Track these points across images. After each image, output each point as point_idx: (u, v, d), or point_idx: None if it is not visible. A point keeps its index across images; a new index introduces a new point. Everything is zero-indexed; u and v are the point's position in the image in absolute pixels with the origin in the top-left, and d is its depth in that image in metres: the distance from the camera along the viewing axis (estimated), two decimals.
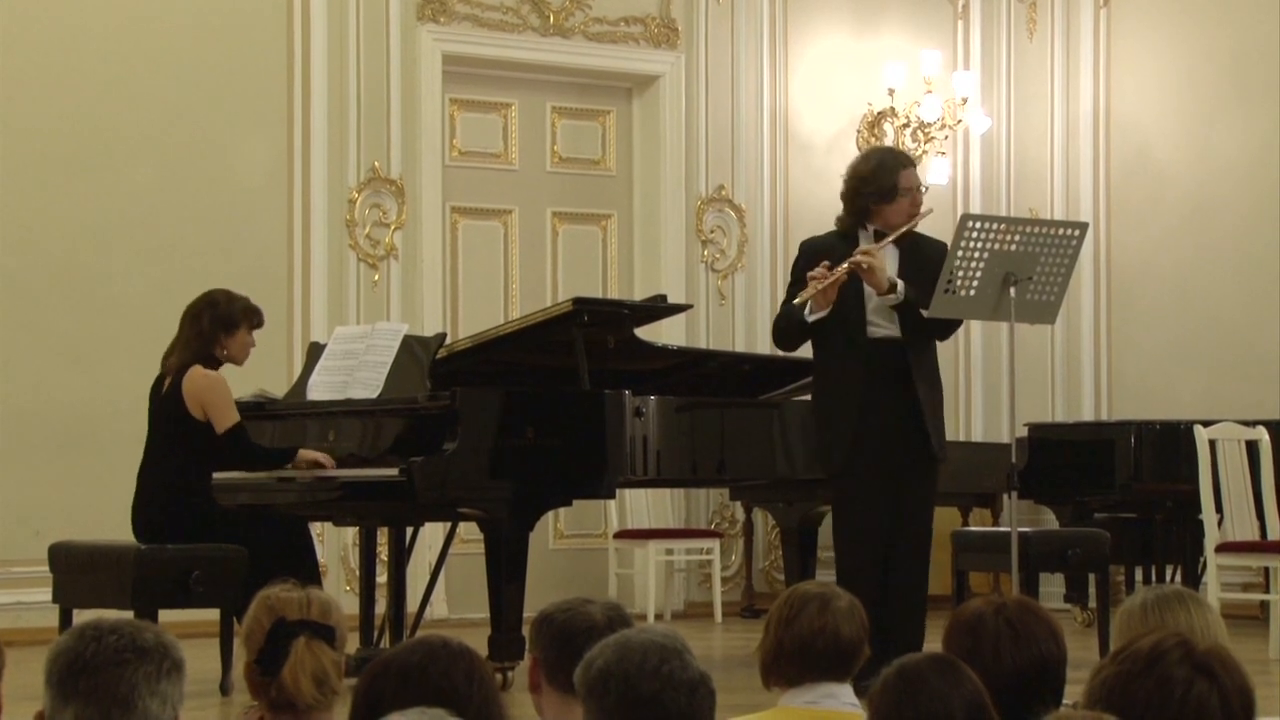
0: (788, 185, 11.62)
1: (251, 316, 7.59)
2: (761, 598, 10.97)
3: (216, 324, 7.49)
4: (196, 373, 7.40)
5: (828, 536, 7.28)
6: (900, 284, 7.02)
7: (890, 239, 7.09)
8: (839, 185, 7.98)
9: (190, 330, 7.50)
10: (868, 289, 7.06)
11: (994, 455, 10.42)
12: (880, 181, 7.12)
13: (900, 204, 7.13)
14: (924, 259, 7.14)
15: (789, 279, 7.49)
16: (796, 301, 7.02)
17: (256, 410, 7.73)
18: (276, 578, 3.38)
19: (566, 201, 11.22)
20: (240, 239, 9.92)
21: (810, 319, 7.04)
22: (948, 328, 7.33)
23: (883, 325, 7.11)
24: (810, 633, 3.73)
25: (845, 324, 7.05)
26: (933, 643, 4.12)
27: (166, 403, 7.45)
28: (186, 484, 7.40)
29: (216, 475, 7.51)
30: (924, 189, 7.29)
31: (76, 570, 7.40)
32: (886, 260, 7.09)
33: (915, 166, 7.36)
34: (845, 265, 6.95)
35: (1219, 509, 8.74)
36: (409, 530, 7.99)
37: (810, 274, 6.99)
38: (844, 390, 7.11)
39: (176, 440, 7.41)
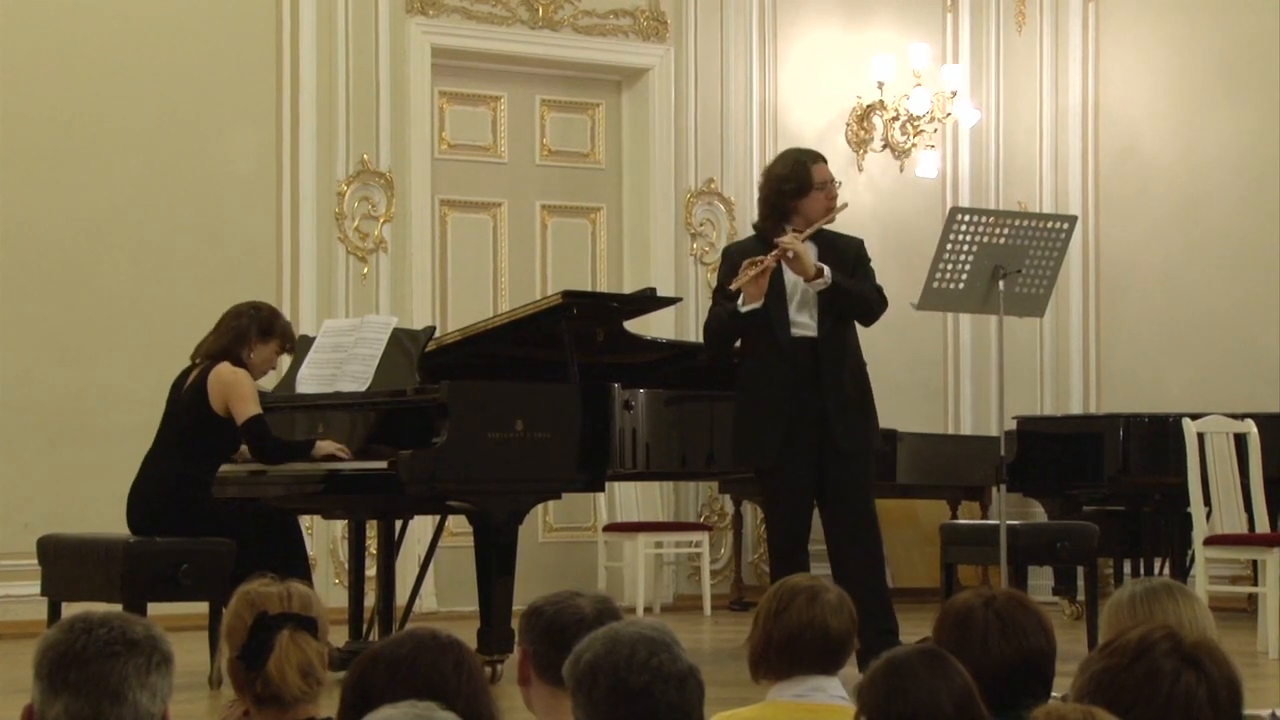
0: None
1: (287, 339, 7.63)
2: (750, 591, 10.98)
3: (254, 325, 7.51)
4: (224, 369, 7.41)
5: (817, 529, 7.29)
6: (827, 269, 7.08)
7: (809, 232, 7.14)
8: None
9: (229, 325, 7.53)
10: (789, 283, 7.13)
11: (982, 448, 10.43)
12: (798, 178, 7.20)
13: (816, 198, 7.21)
14: (839, 255, 7.20)
15: (716, 284, 7.56)
16: (732, 287, 7.09)
17: None
18: (263, 571, 3.38)
19: (555, 194, 11.22)
20: (229, 231, 9.92)
21: (744, 309, 7.09)
22: (871, 312, 7.32)
23: (803, 325, 7.16)
24: (799, 626, 3.74)
25: (768, 323, 7.11)
26: (922, 635, 4.13)
27: (188, 394, 7.44)
28: (191, 477, 7.39)
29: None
30: (838, 184, 7.35)
31: (65, 563, 7.39)
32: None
33: (827, 162, 7.41)
34: (773, 254, 7.02)
35: (1207, 502, 8.75)
36: (398, 523, 7.99)
37: (745, 263, 7.05)
38: (771, 392, 7.17)
39: (190, 433, 7.41)
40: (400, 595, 8.13)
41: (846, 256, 7.23)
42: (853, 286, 7.15)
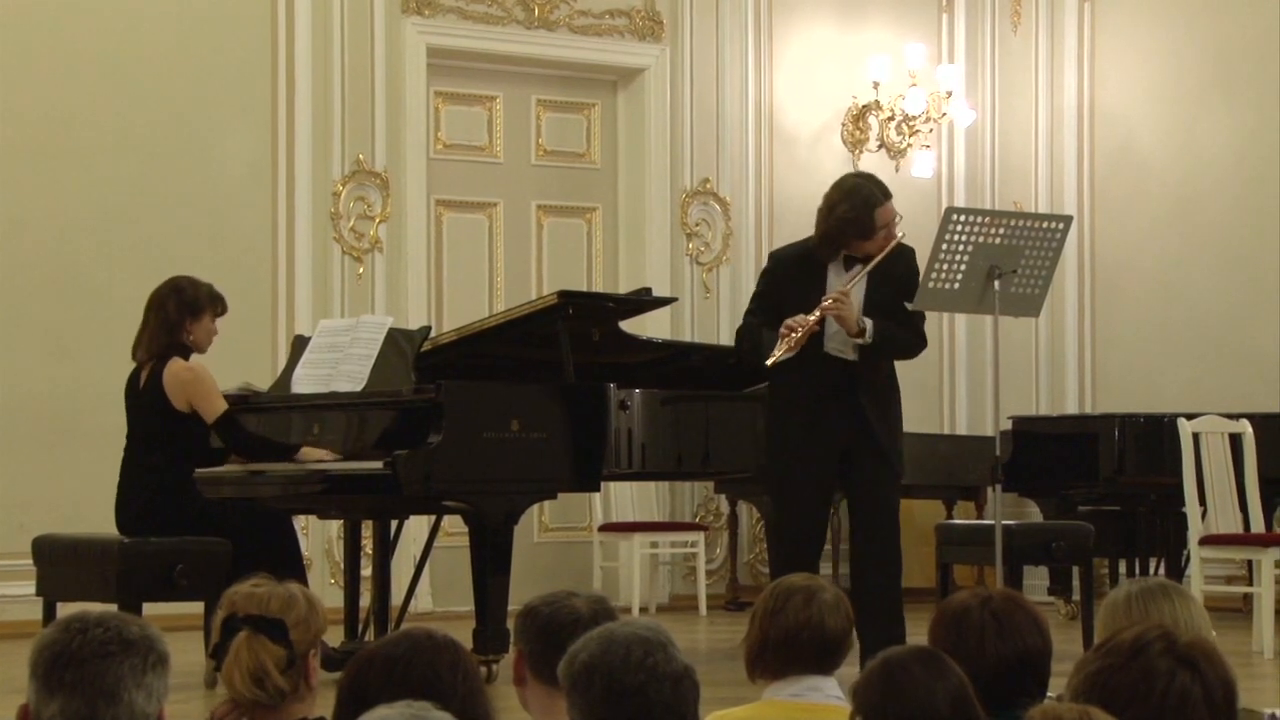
0: (772, 178, 11.63)
1: (216, 303, 7.54)
2: (746, 590, 10.98)
3: (183, 309, 7.45)
4: (177, 365, 7.38)
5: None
6: (869, 325, 7.05)
7: (865, 270, 7.10)
8: (823, 178, 7.99)
9: (156, 318, 7.47)
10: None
11: (978, 448, 10.43)
12: (861, 223, 7.12)
13: (878, 239, 7.15)
14: (889, 272, 7.16)
15: (756, 288, 7.53)
16: (769, 363, 7.05)
17: (241, 403, 7.72)
18: (258, 571, 3.38)
19: (551, 194, 11.22)
20: (225, 231, 9.91)
21: (779, 359, 7.05)
22: (908, 356, 7.33)
23: (837, 347, 7.14)
24: (795, 625, 3.74)
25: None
26: (918, 635, 4.13)
27: (146, 396, 7.42)
28: (171, 478, 7.38)
29: (200, 470, 7.50)
30: (899, 218, 7.27)
31: (60, 563, 7.38)
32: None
33: (891, 198, 7.31)
34: (817, 313, 7.00)
35: (1202, 502, 8.75)
36: (394, 523, 7.98)
37: (786, 324, 7.01)
38: (793, 403, 7.17)
39: (159, 434, 7.39)
40: (396, 595, 8.13)
41: (896, 271, 7.16)
42: (890, 340, 7.13)
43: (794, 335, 6.98)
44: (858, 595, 7.20)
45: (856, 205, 7.14)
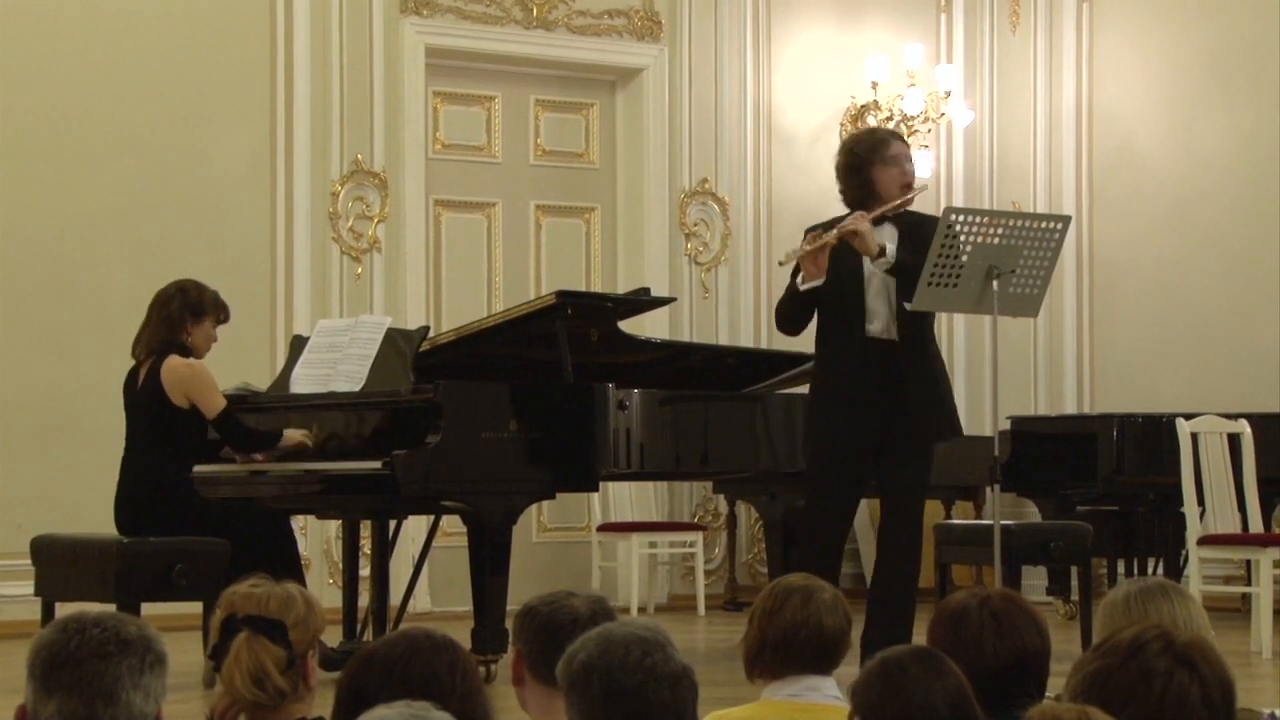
0: (771, 178, 11.63)
1: (219, 310, 7.57)
2: (744, 590, 10.98)
3: (186, 310, 7.47)
4: (176, 362, 7.39)
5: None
6: (889, 248, 7.04)
7: (880, 210, 7.09)
8: (822, 178, 8.00)
9: (159, 316, 7.49)
10: (867, 271, 7.07)
11: (976, 448, 10.40)
12: (886, 144, 7.19)
13: (891, 173, 7.15)
14: (925, 235, 7.11)
15: (794, 268, 7.52)
16: (782, 260, 7.07)
17: (240, 403, 7.72)
18: (256, 571, 3.38)
19: (550, 194, 11.22)
20: (223, 231, 9.91)
21: (803, 288, 7.05)
22: None
23: (881, 316, 7.09)
24: (793, 625, 3.74)
25: (844, 310, 7.06)
26: (917, 635, 4.13)
27: (145, 393, 7.42)
28: (170, 476, 7.38)
29: (198, 469, 7.50)
30: (912, 163, 7.34)
31: (59, 563, 7.38)
32: (886, 238, 7.11)
33: (905, 142, 7.39)
34: (835, 231, 6.98)
35: (1201, 502, 8.75)
36: (392, 523, 7.98)
37: (805, 239, 7.04)
38: (834, 389, 7.15)
39: (158, 431, 7.39)
40: (394, 595, 8.13)
41: (925, 232, 7.12)
42: (917, 264, 7.11)
43: (812, 245, 6.97)
44: (870, 590, 7.24)
45: (872, 135, 7.34)
